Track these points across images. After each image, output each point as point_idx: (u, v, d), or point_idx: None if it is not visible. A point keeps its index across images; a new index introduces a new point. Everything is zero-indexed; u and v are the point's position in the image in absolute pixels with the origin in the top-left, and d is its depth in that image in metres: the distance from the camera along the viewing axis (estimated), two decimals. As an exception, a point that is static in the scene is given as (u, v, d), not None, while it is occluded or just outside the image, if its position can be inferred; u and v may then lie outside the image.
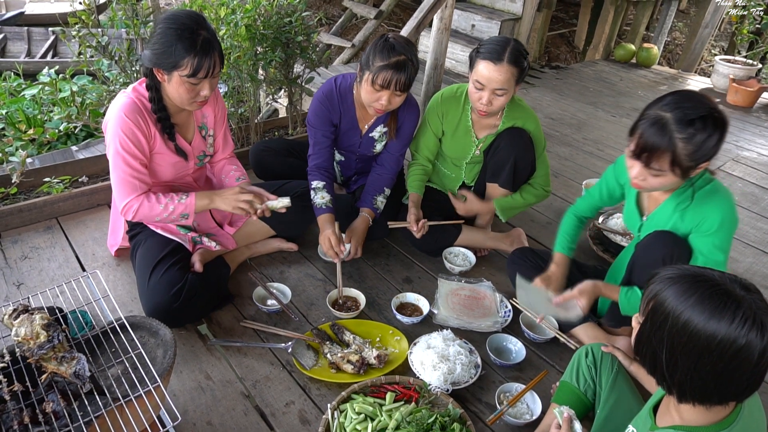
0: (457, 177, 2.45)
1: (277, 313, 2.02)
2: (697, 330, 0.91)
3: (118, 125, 1.75)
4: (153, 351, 1.49)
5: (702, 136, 1.41)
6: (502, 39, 2.04)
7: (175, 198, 1.85)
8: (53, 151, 3.41)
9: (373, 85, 1.99)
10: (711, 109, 1.43)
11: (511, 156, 2.20)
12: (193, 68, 1.67)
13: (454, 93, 2.29)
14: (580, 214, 2.07)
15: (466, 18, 5.28)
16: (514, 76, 2.02)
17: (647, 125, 1.46)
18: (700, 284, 0.94)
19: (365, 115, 2.27)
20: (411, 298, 2.12)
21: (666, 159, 1.45)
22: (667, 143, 1.43)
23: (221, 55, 1.75)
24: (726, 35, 8.89)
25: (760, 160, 3.92)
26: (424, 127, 2.36)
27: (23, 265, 2.15)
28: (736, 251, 2.77)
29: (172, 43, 1.65)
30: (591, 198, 2.03)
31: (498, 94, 2.04)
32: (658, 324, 0.97)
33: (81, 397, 1.28)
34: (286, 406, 1.69)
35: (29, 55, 7.27)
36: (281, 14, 2.87)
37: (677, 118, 1.42)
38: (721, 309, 0.90)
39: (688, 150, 1.42)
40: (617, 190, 1.93)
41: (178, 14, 1.70)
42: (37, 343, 1.29)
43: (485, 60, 2.00)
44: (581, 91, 5.05)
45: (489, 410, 1.73)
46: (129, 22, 2.68)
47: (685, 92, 1.50)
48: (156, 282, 1.79)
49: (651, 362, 1.01)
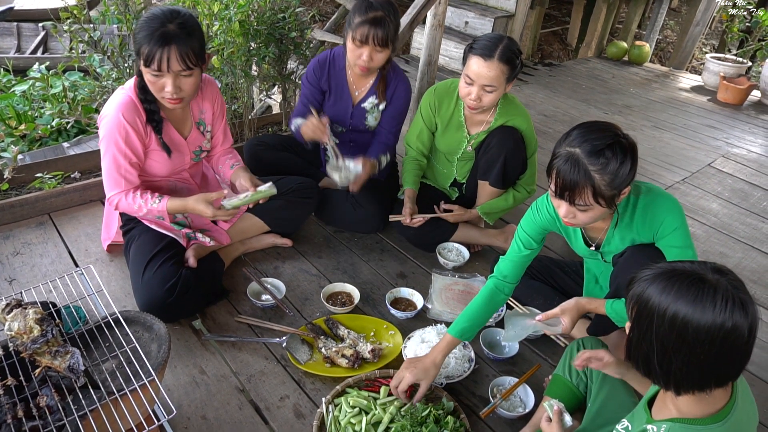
0: (449, 173, 2.46)
1: (271, 308, 2.02)
2: (684, 323, 0.93)
3: (115, 126, 1.77)
4: (147, 345, 1.48)
5: (615, 164, 1.40)
6: (496, 36, 2.05)
7: (150, 200, 1.85)
8: (44, 148, 3.38)
9: (354, 41, 2.09)
10: (616, 136, 1.42)
11: (501, 154, 2.21)
12: (145, 57, 1.67)
13: (448, 88, 2.30)
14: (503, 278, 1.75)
15: (459, 15, 5.29)
16: (504, 74, 2.03)
17: (561, 163, 1.45)
18: (675, 278, 0.95)
19: (357, 83, 2.34)
20: (405, 293, 2.13)
21: (588, 193, 1.43)
22: (585, 177, 1.41)
23: (191, 53, 1.69)
24: (716, 33, 8.96)
25: (749, 157, 3.96)
26: (418, 120, 2.37)
27: (15, 260, 2.14)
28: (726, 247, 2.80)
29: (140, 31, 1.68)
30: (515, 253, 1.76)
31: (487, 91, 2.05)
32: (645, 325, 0.98)
33: (75, 391, 1.28)
34: (281, 400, 1.69)
35: (19, 51, 7.19)
36: (275, 10, 2.86)
37: (587, 151, 1.41)
38: (701, 297, 0.92)
39: (606, 180, 1.41)
40: (548, 229, 1.76)
41: (160, 8, 1.73)
42: (31, 337, 1.29)
43: (476, 56, 2.02)
44: (574, 88, 5.08)
45: (482, 403, 1.74)
46: (121, 17, 2.67)
47: (589, 124, 1.49)
48: (150, 277, 1.79)
49: (644, 364, 1.01)
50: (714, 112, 4.83)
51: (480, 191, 2.39)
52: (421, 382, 1.61)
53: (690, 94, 5.27)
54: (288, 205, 2.23)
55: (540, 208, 1.75)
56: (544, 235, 1.78)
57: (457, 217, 2.38)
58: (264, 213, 2.21)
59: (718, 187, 3.45)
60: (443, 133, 2.34)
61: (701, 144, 4.10)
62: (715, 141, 4.19)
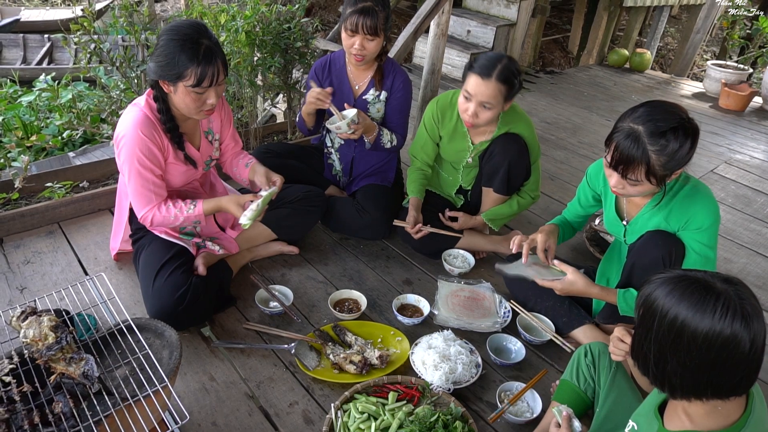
0: (454, 180, 2.49)
1: (279, 315, 2.04)
2: (682, 325, 0.94)
3: (135, 143, 1.78)
4: (159, 352, 1.50)
5: (674, 146, 1.45)
6: (496, 56, 2.08)
7: (184, 208, 1.89)
8: (50, 158, 3.42)
9: (347, 31, 2.20)
10: (681, 119, 1.46)
11: (505, 161, 2.24)
12: (196, 78, 1.70)
13: (449, 100, 2.34)
14: (570, 220, 2.13)
15: (461, 24, 5.34)
16: (502, 93, 2.07)
17: (621, 138, 1.51)
18: (684, 282, 0.97)
19: (357, 77, 2.41)
20: (412, 300, 2.15)
21: (641, 170, 1.49)
22: (641, 155, 1.47)
23: (224, 62, 1.77)
24: (717, 40, 9.00)
25: (752, 163, 3.98)
26: (422, 132, 2.41)
27: (26, 269, 2.16)
28: (730, 252, 2.81)
29: (175, 54, 1.67)
30: (574, 208, 2.10)
31: (485, 107, 2.08)
32: (648, 325, 0.99)
33: (90, 397, 1.30)
34: (290, 407, 1.71)
35: (25, 62, 7.27)
36: (280, 20, 2.91)
37: (649, 131, 1.46)
38: (702, 302, 0.93)
39: (662, 161, 1.47)
40: (593, 198, 2.00)
41: (180, 25, 1.72)
42: (46, 344, 1.31)
43: (475, 74, 2.06)
44: (576, 95, 5.11)
45: (490, 409, 1.76)
46: (129, 29, 2.71)
47: (656, 103, 1.53)
48: (160, 285, 1.81)
49: (643, 363, 1.03)
50: (716, 118, 4.86)
51: (484, 198, 2.41)
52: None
53: (692, 100, 5.30)
54: (295, 213, 2.25)
55: (590, 174, 1.94)
56: (592, 201, 1.98)
57: (463, 225, 2.40)
58: (271, 221, 2.23)
59: (721, 193, 3.47)
60: (448, 142, 2.37)
61: (704, 150, 4.12)
62: (718, 147, 4.21)
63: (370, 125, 2.34)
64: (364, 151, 2.53)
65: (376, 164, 2.59)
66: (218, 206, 1.93)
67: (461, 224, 2.41)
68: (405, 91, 2.43)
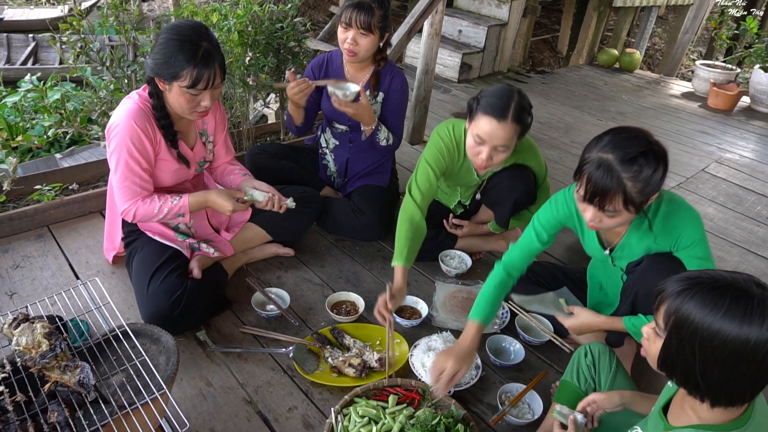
0: (452, 197, 2.47)
1: (276, 318, 2.01)
2: (730, 338, 0.91)
3: (126, 132, 1.74)
4: (156, 358, 1.47)
5: (648, 172, 1.41)
6: (506, 93, 1.89)
7: (169, 199, 1.85)
8: (36, 159, 3.35)
9: (341, 25, 2.21)
10: (649, 143, 1.44)
11: (510, 198, 2.19)
12: (192, 79, 1.67)
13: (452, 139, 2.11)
14: (511, 267, 1.81)
15: (453, 23, 5.33)
16: (517, 133, 1.91)
17: (593, 169, 1.45)
18: (719, 291, 0.93)
19: (354, 78, 2.39)
20: (410, 301, 2.13)
21: (618, 200, 1.44)
22: (617, 185, 1.42)
23: (223, 66, 1.74)
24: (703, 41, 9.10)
25: (741, 162, 4.02)
26: (425, 173, 2.09)
27: (15, 274, 2.11)
28: (722, 251, 2.83)
29: (173, 53, 1.65)
30: (527, 244, 1.82)
31: (499, 150, 1.92)
32: (686, 338, 0.96)
33: (85, 405, 1.26)
34: (289, 411, 1.68)
35: (9, 62, 7.14)
36: (273, 20, 2.87)
37: (620, 158, 1.42)
38: (750, 314, 0.91)
39: (638, 187, 1.42)
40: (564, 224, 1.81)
41: (182, 25, 1.70)
42: (39, 352, 1.27)
43: (487, 116, 1.87)
44: (567, 95, 5.13)
45: (491, 411, 1.75)
46: (119, 28, 2.66)
47: (620, 129, 1.50)
48: (155, 289, 1.78)
49: (682, 375, 1.00)
50: (705, 118, 4.90)
51: (482, 216, 2.44)
52: (461, 368, 1.64)
53: (681, 100, 5.34)
54: (290, 214, 2.22)
55: (559, 201, 1.77)
56: (557, 230, 1.81)
57: (468, 233, 2.42)
58: (266, 223, 2.21)
59: (712, 192, 3.49)
60: (450, 176, 2.28)
61: (694, 149, 4.15)
62: (708, 146, 4.24)
63: (369, 114, 2.26)
64: (359, 151, 2.51)
65: (372, 165, 2.57)
66: (205, 200, 1.87)
67: (466, 232, 2.40)
68: (402, 92, 2.41)
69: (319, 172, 2.67)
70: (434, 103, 3.85)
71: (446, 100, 4.64)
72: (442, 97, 4.68)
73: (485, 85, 5.19)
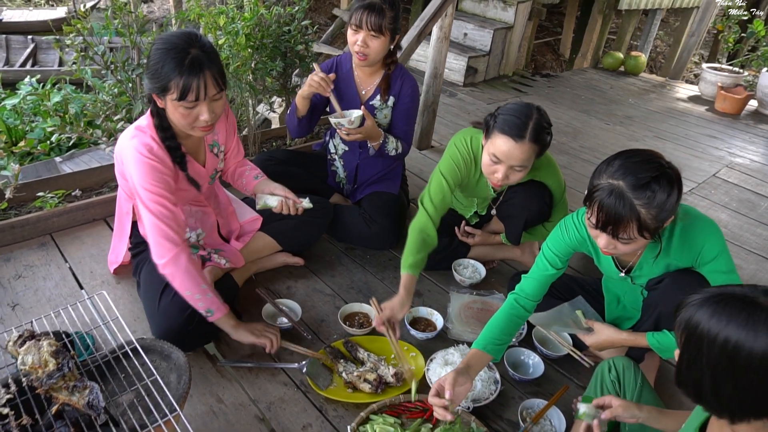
0: (469, 206, 2.41)
1: (288, 330, 1.95)
2: (736, 348, 0.89)
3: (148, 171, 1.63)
4: (166, 376, 1.41)
5: (662, 197, 1.35)
6: (524, 111, 1.81)
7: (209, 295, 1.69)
8: (36, 163, 3.27)
9: (351, 26, 2.16)
10: (661, 166, 1.37)
11: (523, 216, 2.13)
12: (179, 91, 1.53)
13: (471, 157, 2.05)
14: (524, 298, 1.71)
15: (458, 26, 5.28)
16: (535, 152, 1.83)
17: (604, 196, 1.38)
18: (725, 301, 0.92)
19: (363, 82, 2.35)
20: (424, 313, 2.07)
21: (633, 227, 1.38)
22: (630, 212, 1.36)
23: (219, 74, 1.60)
24: (707, 44, 9.07)
25: (753, 167, 3.97)
26: (439, 185, 2.05)
27: (17, 284, 2.05)
28: (739, 258, 2.78)
29: (160, 64, 1.53)
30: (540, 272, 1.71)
31: (516, 170, 1.85)
32: (695, 351, 0.94)
33: (95, 428, 1.20)
34: (304, 429, 1.62)
35: (8, 64, 7.08)
36: (280, 23, 2.82)
37: (631, 185, 1.35)
38: (754, 322, 0.88)
39: (652, 213, 1.36)
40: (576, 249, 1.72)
41: (171, 34, 1.59)
42: (46, 371, 1.22)
43: (504, 135, 1.79)
44: (573, 99, 5.08)
45: (511, 427, 1.69)
46: (123, 30, 2.61)
47: (630, 153, 1.43)
48: (168, 303, 1.71)
49: (695, 390, 0.97)
50: (713, 122, 4.85)
51: (494, 227, 2.39)
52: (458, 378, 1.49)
53: (688, 104, 5.30)
54: (301, 224, 2.17)
55: (569, 227, 1.70)
56: (570, 255, 1.73)
57: (480, 242, 2.36)
58: (276, 232, 2.15)
59: (725, 198, 3.44)
60: (467, 188, 2.22)
61: (704, 154, 4.11)
62: (718, 151, 4.20)
63: (376, 132, 2.26)
64: (369, 158, 2.46)
65: (381, 171, 2.51)
66: (230, 328, 1.74)
67: (477, 241, 2.35)
68: (413, 97, 2.36)
69: (327, 178, 2.61)
70: (440, 107, 3.79)
71: (452, 104, 4.59)
72: (448, 101, 4.63)
73: (491, 88, 5.14)
